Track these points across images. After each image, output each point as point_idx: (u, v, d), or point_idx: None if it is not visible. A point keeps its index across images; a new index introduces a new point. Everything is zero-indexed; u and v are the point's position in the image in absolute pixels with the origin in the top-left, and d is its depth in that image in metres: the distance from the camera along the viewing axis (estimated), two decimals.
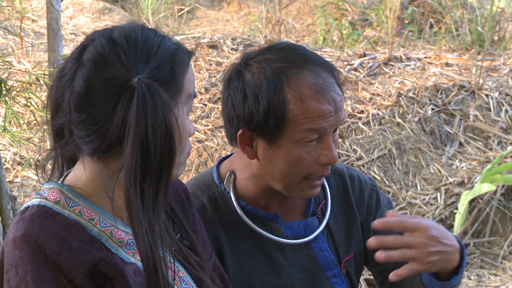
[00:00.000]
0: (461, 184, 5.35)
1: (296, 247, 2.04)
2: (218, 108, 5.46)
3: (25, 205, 1.66)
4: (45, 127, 1.75)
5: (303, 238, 2.04)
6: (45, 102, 1.70)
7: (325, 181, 2.10)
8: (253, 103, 1.91)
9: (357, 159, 5.33)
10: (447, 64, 6.43)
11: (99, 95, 1.59)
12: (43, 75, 3.29)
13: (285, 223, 2.03)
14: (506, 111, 5.90)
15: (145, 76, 1.58)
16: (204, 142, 5.18)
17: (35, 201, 1.65)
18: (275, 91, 1.89)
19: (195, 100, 5.20)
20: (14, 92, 3.32)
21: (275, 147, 1.92)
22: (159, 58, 1.61)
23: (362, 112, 5.60)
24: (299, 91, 1.89)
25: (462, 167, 5.52)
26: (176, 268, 1.72)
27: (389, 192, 5.26)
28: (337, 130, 1.97)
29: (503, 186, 5.27)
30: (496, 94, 5.97)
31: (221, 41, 6.34)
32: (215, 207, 2.01)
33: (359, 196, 2.14)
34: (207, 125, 5.32)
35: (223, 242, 1.98)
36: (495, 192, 5.25)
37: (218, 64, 5.96)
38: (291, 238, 2.03)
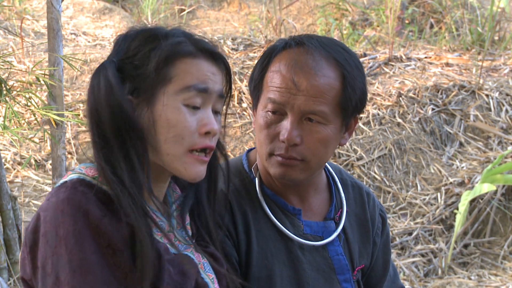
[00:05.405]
0: (461, 184, 5.34)
1: (313, 247, 2.09)
2: None
3: (61, 181, 1.69)
4: (45, 127, 1.76)
5: (321, 239, 2.09)
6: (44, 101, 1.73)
7: (342, 191, 2.17)
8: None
9: (357, 159, 5.33)
10: (447, 64, 6.43)
11: None
12: (43, 75, 3.30)
13: (306, 221, 2.09)
14: (507, 111, 5.90)
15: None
16: None
17: (73, 175, 1.69)
18: (262, 61, 2.02)
19: None
20: (15, 92, 3.32)
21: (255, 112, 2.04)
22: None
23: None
24: (278, 61, 1.99)
25: (463, 167, 5.51)
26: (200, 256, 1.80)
27: (389, 192, 5.26)
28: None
29: (504, 186, 5.27)
30: (497, 94, 5.97)
31: (222, 41, 6.34)
32: (246, 191, 2.08)
33: (372, 214, 2.22)
34: None
35: (251, 226, 2.04)
36: (495, 192, 5.25)
37: None
38: (309, 237, 2.08)
